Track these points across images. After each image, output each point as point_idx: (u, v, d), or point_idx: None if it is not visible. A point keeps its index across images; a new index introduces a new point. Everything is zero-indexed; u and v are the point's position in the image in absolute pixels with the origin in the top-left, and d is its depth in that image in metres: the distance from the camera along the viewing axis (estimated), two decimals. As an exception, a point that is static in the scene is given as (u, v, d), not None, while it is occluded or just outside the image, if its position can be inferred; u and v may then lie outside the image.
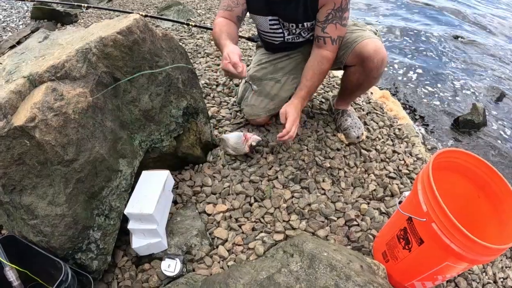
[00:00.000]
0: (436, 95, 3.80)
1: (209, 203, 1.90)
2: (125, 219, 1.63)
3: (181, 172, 2.06)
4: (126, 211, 1.57)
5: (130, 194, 1.65)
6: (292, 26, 2.09)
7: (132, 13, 1.84)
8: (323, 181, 2.05)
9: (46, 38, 1.84)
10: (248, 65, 2.59)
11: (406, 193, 1.67)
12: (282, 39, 2.20)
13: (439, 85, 3.99)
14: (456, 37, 5.27)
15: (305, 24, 2.06)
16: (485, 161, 1.43)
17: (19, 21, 5.63)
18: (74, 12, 5.73)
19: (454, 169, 1.50)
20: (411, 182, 2.16)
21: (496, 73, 4.42)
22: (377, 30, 2.18)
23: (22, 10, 6.08)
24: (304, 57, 2.25)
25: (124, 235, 1.69)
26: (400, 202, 1.55)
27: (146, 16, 3.39)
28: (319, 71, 2.04)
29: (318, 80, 2.08)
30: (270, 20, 2.10)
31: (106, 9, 4.69)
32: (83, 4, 3.43)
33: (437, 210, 1.20)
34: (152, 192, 1.63)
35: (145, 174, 1.74)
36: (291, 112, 1.98)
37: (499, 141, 3.21)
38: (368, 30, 2.11)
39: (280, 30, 2.15)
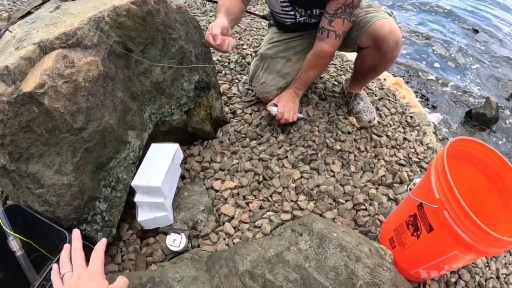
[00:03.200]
0: (450, 87, 3.75)
1: (217, 179, 1.88)
2: (131, 192, 1.61)
3: (190, 147, 2.04)
4: (133, 183, 1.56)
5: (137, 166, 1.64)
6: (302, 11, 2.06)
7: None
8: (333, 163, 2.02)
9: (58, 8, 1.80)
10: (259, 45, 2.59)
11: (417, 180, 1.64)
12: (293, 20, 2.16)
13: (453, 77, 3.94)
14: (475, 31, 5.19)
15: (314, 11, 2.04)
16: (499, 154, 1.41)
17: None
18: None
19: (468, 159, 1.48)
20: (420, 170, 2.14)
21: (510, 68, 4.35)
22: (392, 12, 2.13)
23: (34, -21, 6.03)
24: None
25: (129, 208, 1.68)
26: (410, 189, 1.53)
27: None
28: (317, 64, 2.10)
29: (314, 73, 2.16)
30: (282, 2, 2.06)
31: None
32: None
33: (450, 198, 1.18)
34: (160, 164, 1.62)
35: (154, 146, 1.72)
36: (282, 97, 2.14)
37: (509, 137, 3.17)
38: (383, 11, 2.06)
39: (292, 12, 2.11)
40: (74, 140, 1.31)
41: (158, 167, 1.61)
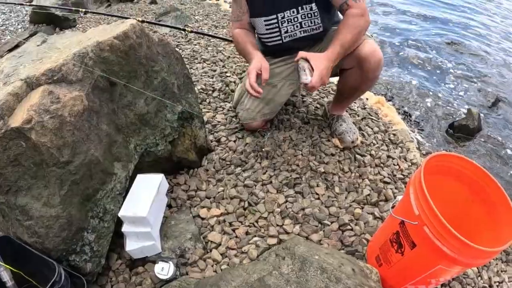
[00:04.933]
0: (431, 100, 3.81)
1: (203, 207, 1.91)
2: (119, 222, 1.63)
3: (176, 176, 2.07)
4: (120, 214, 1.58)
5: (124, 197, 1.66)
6: (293, 12, 2.08)
7: (129, 18, 1.86)
8: (317, 186, 2.06)
9: (44, 41, 1.86)
10: (243, 72, 2.62)
11: (399, 197, 1.67)
12: (279, 39, 2.19)
13: (434, 91, 4.00)
14: (450, 43, 5.30)
15: (305, 6, 2.05)
16: (478, 165, 1.44)
17: (18, 24, 5.67)
18: (73, 17, 5.77)
19: (448, 173, 1.51)
20: (405, 186, 2.15)
21: (491, 78, 4.45)
22: (372, 35, 2.19)
23: (21, 14, 6.13)
24: None
25: (118, 237, 1.69)
26: (393, 206, 1.56)
27: (143, 21, 3.42)
28: (354, 25, 1.88)
29: (353, 35, 1.88)
30: (264, 20, 2.12)
31: (103, 14, 4.75)
32: (81, 9, 3.45)
33: (429, 213, 1.21)
34: (146, 195, 1.64)
35: (140, 177, 1.75)
36: (319, 65, 1.81)
37: (493, 146, 3.22)
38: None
39: (277, 29, 2.14)
40: (61, 173, 1.35)
41: (144, 197, 1.63)
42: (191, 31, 3.59)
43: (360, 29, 1.90)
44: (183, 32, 3.74)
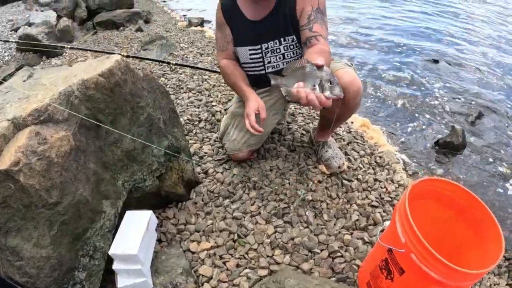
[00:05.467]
0: (416, 119, 3.84)
1: (193, 241, 1.91)
2: (110, 259, 1.62)
3: (165, 210, 2.08)
4: (110, 252, 1.57)
5: (114, 234, 1.66)
6: (276, 43, 2.12)
7: (114, 53, 1.89)
8: (306, 214, 2.07)
9: (30, 76, 1.87)
10: (228, 100, 2.63)
11: (387, 222, 1.69)
12: (262, 70, 2.22)
13: (417, 109, 4.04)
14: (434, 61, 5.38)
15: (287, 38, 2.10)
16: (461, 186, 1.46)
17: (5, 52, 5.66)
18: (59, 46, 5.81)
19: (432, 197, 1.52)
20: (393, 209, 2.17)
21: (472, 92, 4.52)
22: (352, 64, 2.22)
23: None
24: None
25: (109, 274, 1.67)
26: (382, 230, 1.57)
27: (128, 56, 3.45)
28: (326, 60, 1.67)
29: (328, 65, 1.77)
30: (249, 49, 2.16)
31: (88, 50, 4.74)
32: (66, 46, 3.47)
33: (415, 241, 1.23)
34: (135, 232, 1.64)
35: (128, 214, 1.75)
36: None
37: (479, 160, 3.24)
38: (343, 63, 2.16)
39: (261, 59, 2.18)
40: (50, 214, 1.35)
41: (134, 235, 1.63)
42: (176, 64, 3.63)
43: (329, 63, 1.89)
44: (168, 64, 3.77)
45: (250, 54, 2.18)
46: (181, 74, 3.94)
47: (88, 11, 7.51)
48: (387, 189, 2.35)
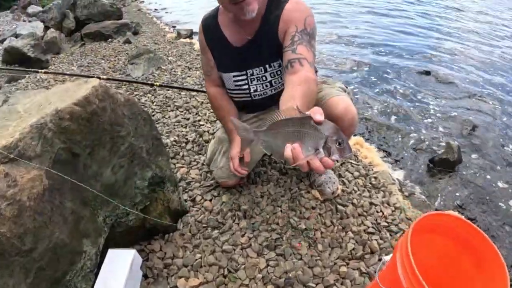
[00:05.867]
0: (409, 136, 3.78)
1: (181, 277, 1.79)
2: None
3: (151, 242, 1.95)
4: (91, 296, 1.47)
5: (96, 273, 1.55)
6: (261, 70, 2.00)
7: (93, 77, 1.78)
8: (299, 245, 1.96)
9: (6, 101, 1.75)
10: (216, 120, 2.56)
11: (386, 258, 1.60)
12: (249, 97, 2.11)
13: (411, 126, 3.99)
14: (426, 73, 5.35)
15: (272, 64, 1.97)
16: (463, 219, 1.39)
17: (-9, 65, 5.58)
18: (45, 58, 5.75)
19: (434, 230, 1.44)
20: (390, 235, 2.10)
21: (464, 105, 4.48)
22: (346, 87, 2.12)
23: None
24: None
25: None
26: (382, 264, 1.49)
27: (108, 79, 3.34)
28: (310, 92, 1.57)
29: (310, 102, 1.54)
30: (234, 76, 2.06)
31: (62, 73, 4.62)
32: (40, 71, 3.34)
33: (418, 288, 1.14)
34: (118, 274, 1.53)
35: (111, 253, 1.63)
36: None
37: (475, 177, 3.19)
38: (337, 87, 2.06)
39: (246, 87, 2.07)
40: (25, 262, 1.23)
41: (116, 276, 1.52)
42: (160, 85, 3.53)
43: (315, 98, 1.68)
44: (153, 79, 3.67)
45: (235, 81, 2.08)
46: (168, 90, 3.85)
47: (76, 22, 7.49)
48: (383, 213, 2.25)
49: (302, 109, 1.16)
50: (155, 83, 3.50)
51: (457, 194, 2.96)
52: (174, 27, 8.08)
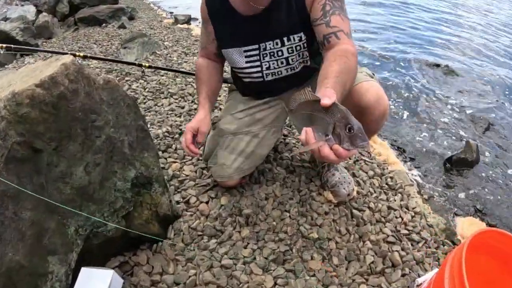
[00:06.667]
0: (423, 132, 3.54)
1: (171, 298, 1.48)
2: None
3: (136, 253, 1.64)
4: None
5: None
6: (277, 44, 1.70)
7: (67, 54, 1.47)
8: (312, 258, 1.67)
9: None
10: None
11: (420, 279, 1.32)
12: (260, 77, 1.80)
13: (425, 121, 3.76)
14: (437, 66, 5.10)
15: (292, 37, 1.66)
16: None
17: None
18: (35, 42, 5.51)
19: (479, 249, 1.26)
20: (412, 245, 1.85)
21: (480, 101, 4.27)
22: (373, 74, 1.78)
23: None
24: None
25: None
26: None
27: (85, 57, 3.00)
28: (348, 65, 1.36)
29: (349, 79, 1.34)
30: (244, 51, 1.74)
31: (34, 49, 4.34)
32: (13, 46, 2.98)
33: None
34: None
35: (84, 272, 1.33)
36: None
37: (494, 178, 2.99)
38: (365, 72, 1.74)
39: (258, 63, 1.76)
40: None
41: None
42: (150, 67, 3.21)
43: (356, 73, 1.44)
44: (142, 65, 3.32)
45: (246, 57, 1.76)
46: (162, 76, 3.55)
47: (70, 6, 7.25)
48: (402, 219, 1.99)
49: (337, 87, 1.16)
50: (143, 64, 3.16)
51: (477, 197, 2.73)
52: (172, 13, 7.77)
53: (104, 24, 6.41)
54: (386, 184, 2.27)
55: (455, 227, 2.27)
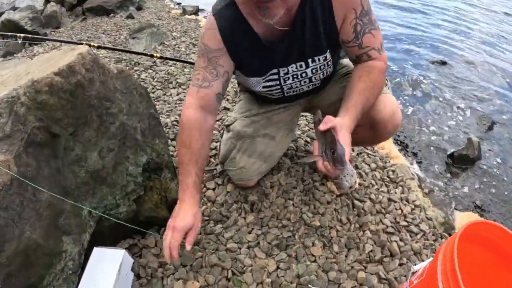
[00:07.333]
0: (426, 129, 3.59)
1: (178, 279, 1.55)
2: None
3: (145, 236, 1.71)
4: (73, 304, 1.24)
5: (80, 274, 1.33)
6: (301, 66, 1.61)
7: (82, 44, 1.53)
8: (313, 245, 1.74)
9: (-16, 72, 1.52)
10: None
11: (416, 267, 1.37)
12: (280, 94, 1.75)
13: (428, 118, 3.79)
14: (443, 63, 5.11)
15: (316, 58, 1.58)
16: (507, 230, 1.22)
17: (-15, 39, 5.36)
18: (43, 31, 5.54)
19: (473, 240, 1.28)
20: (410, 236, 1.90)
21: (483, 100, 4.29)
22: (387, 80, 1.77)
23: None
24: (302, 107, 1.96)
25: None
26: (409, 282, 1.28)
27: (99, 47, 3.06)
28: (373, 82, 1.47)
29: (372, 95, 1.48)
30: (264, 81, 1.67)
31: (46, 39, 4.39)
32: (18, 35, 3.05)
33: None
34: (105, 279, 1.30)
35: (96, 252, 1.39)
36: (347, 138, 1.32)
37: (495, 175, 3.03)
38: None
39: (278, 87, 1.69)
40: (-11, 268, 1.00)
41: (103, 279, 1.30)
42: (161, 57, 3.27)
43: (382, 88, 1.54)
44: (153, 55, 3.39)
45: (266, 81, 1.67)
46: (171, 66, 3.60)
47: (79, -4, 7.20)
48: (402, 211, 2.05)
49: (357, 106, 1.40)
50: (155, 55, 3.23)
51: (477, 193, 2.80)
52: (179, 3, 7.79)
53: (112, 14, 6.45)
54: (388, 177, 2.32)
55: (453, 221, 2.32)
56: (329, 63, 1.63)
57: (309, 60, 1.59)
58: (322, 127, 1.28)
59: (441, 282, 1.05)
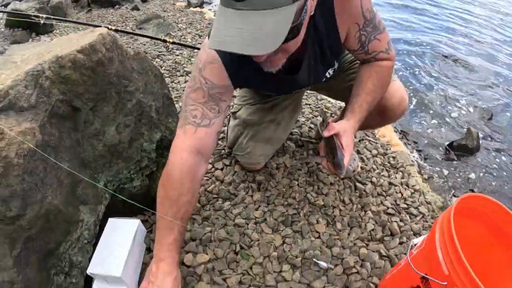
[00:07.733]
0: (427, 119, 3.66)
1: (188, 252, 1.62)
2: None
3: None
4: (89, 271, 1.31)
5: (95, 245, 1.39)
6: (309, 87, 1.75)
7: (100, 26, 1.60)
8: (317, 222, 1.81)
9: (2, 53, 1.58)
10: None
11: (415, 241, 1.44)
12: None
13: (429, 108, 3.85)
14: (444, 57, 5.16)
15: (329, 71, 1.60)
16: (502, 206, 1.26)
17: (-7, 28, 5.39)
18: (50, 22, 5.56)
19: (467, 214, 1.33)
20: (410, 217, 1.97)
21: (483, 92, 4.36)
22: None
23: (-4, 17, 5.84)
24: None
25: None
26: (409, 253, 1.34)
27: (116, 30, 3.14)
28: (381, 82, 1.51)
29: (380, 94, 1.54)
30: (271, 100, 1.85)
31: (69, 21, 4.43)
32: (41, 15, 3.12)
33: (466, 280, 1.00)
34: (120, 247, 1.37)
35: (111, 222, 1.46)
36: (349, 142, 1.40)
37: (493, 165, 3.11)
38: None
39: (287, 96, 1.86)
40: (11, 230, 1.06)
41: (118, 251, 1.36)
42: (173, 42, 3.34)
43: (389, 84, 1.58)
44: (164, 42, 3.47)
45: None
46: (178, 55, 3.66)
47: (85, -13, 7.22)
48: (402, 195, 2.12)
49: (363, 105, 1.49)
50: (167, 40, 3.30)
51: (474, 181, 2.89)
52: (185, -4, 7.82)
53: (117, 6, 6.47)
54: (388, 162, 2.39)
55: (451, 206, 2.39)
56: (336, 69, 1.66)
57: (323, 79, 1.64)
58: (326, 134, 1.37)
59: (439, 249, 1.10)
